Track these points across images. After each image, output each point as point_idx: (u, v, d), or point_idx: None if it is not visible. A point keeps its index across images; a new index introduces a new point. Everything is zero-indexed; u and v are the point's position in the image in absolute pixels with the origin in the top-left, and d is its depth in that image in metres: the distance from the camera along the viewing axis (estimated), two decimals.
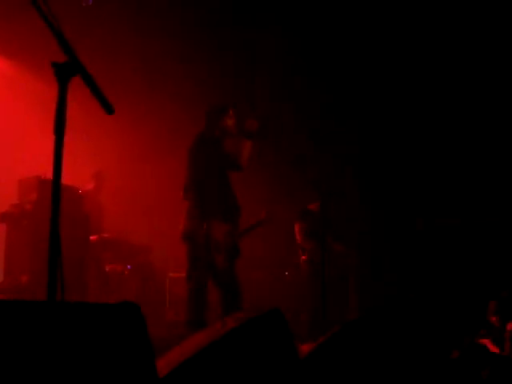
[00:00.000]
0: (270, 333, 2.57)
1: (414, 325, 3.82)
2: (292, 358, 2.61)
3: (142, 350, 1.83)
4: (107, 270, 7.46)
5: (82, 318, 1.78)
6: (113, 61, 8.41)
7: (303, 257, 7.53)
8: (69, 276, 2.32)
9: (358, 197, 8.60)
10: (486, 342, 5.28)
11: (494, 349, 5.17)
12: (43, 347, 1.72)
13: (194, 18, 8.41)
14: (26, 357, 1.70)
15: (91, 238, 6.89)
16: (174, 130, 8.67)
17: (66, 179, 2.45)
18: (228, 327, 2.48)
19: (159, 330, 6.55)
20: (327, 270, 5.48)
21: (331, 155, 8.61)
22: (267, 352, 2.56)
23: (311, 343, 4.86)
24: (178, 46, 8.57)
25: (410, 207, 8.18)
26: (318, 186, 5.42)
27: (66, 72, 2.36)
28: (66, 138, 2.40)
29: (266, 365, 2.54)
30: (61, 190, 2.40)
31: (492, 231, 7.24)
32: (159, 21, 8.35)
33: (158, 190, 9.02)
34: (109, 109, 2.44)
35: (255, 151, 5.57)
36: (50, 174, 5.31)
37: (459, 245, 7.22)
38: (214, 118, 5.59)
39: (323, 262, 5.46)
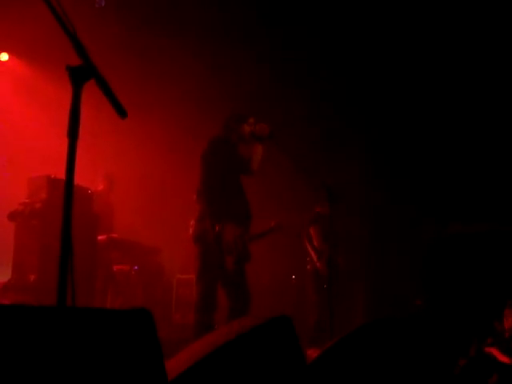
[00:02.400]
0: (277, 339, 2.58)
1: (421, 332, 3.81)
2: (299, 364, 2.62)
3: (153, 356, 1.84)
4: (114, 270, 7.47)
5: (94, 324, 1.79)
6: (125, 63, 8.42)
7: (321, 260, 7.53)
8: (76, 275, 2.33)
9: (368, 200, 8.60)
10: (493, 350, 5.25)
11: (502, 357, 5.14)
12: (55, 354, 1.74)
13: (211, 20, 8.40)
14: (37, 363, 1.71)
15: (99, 237, 6.90)
16: (187, 133, 8.68)
17: (77, 179, 2.46)
18: (237, 332, 2.50)
19: (165, 332, 6.56)
20: (338, 276, 5.48)
21: (340, 160, 8.61)
22: (274, 357, 2.57)
23: (317, 348, 4.87)
24: (193, 48, 8.56)
25: (420, 214, 8.16)
26: (327, 191, 5.41)
27: (80, 76, 2.37)
28: (83, 140, 2.41)
29: (273, 370, 2.54)
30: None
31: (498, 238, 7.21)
32: (175, 22, 8.35)
33: (169, 192, 9.06)
34: (122, 112, 2.44)
35: (265, 155, 5.60)
36: (59, 174, 5.33)
37: (467, 252, 7.20)
38: (234, 124, 5.62)
39: (330, 267, 5.47)
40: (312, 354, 3.67)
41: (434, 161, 8.34)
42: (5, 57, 8.81)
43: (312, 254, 7.58)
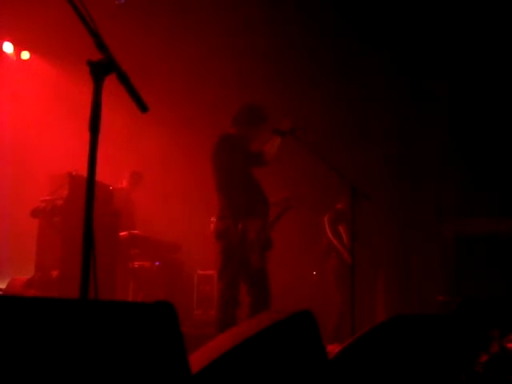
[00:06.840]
0: (299, 334, 2.57)
1: (442, 328, 3.79)
2: (321, 359, 2.61)
3: (176, 348, 1.84)
4: (136, 266, 7.50)
5: (117, 316, 1.80)
6: (148, 61, 8.42)
7: (333, 256, 7.52)
8: (98, 272, 2.34)
9: (387, 197, 8.56)
10: None
11: None
12: (78, 345, 1.74)
13: (230, 19, 8.38)
14: (60, 354, 1.71)
15: (121, 234, 6.94)
16: (209, 130, 8.68)
17: (100, 176, 2.46)
18: (258, 327, 2.49)
19: (187, 328, 6.58)
20: (356, 271, 5.44)
21: (364, 157, 8.58)
22: (297, 352, 2.56)
23: (338, 344, 4.85)
24: (215, 46, 8.54)
25: (443, 211, 8.11)
26: (351, 188, 5.38)
27: (101, 70, 2.37)
28: (105, 137, 2.41)
29: (295, 365, 2.54)
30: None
31: None
32: (195, 20, 8.33)
33: (189, 188, 9.06)
34: (143, 107, 2.45)
35: (281, 149, 5.59)
36: (81, 170, 5.37)
37: (488, 249, 7.13)
38: (250, 122, 5.62)
39: (353, 263, 5.44)
40: (333, 349, 3.65)
41: (456, 158, 8.26)
42: (26, 55, 8.88)
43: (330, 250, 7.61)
